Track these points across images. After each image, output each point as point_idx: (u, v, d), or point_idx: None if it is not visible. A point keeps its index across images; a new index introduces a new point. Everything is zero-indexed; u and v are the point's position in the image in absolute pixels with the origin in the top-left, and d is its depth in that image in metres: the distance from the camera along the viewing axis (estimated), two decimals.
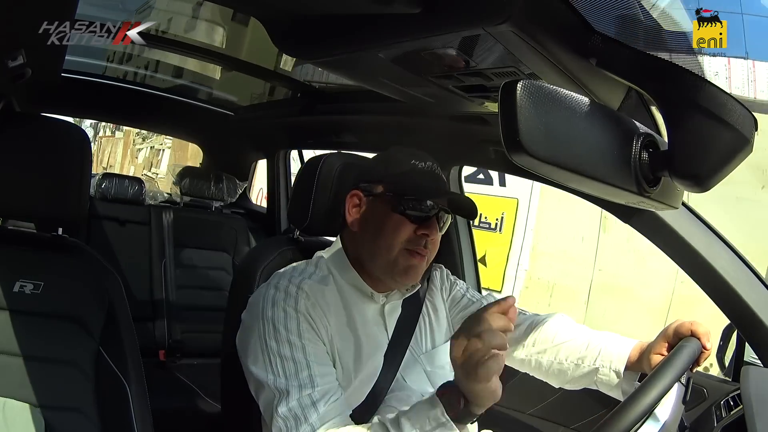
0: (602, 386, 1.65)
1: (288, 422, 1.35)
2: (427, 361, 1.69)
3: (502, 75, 1.48)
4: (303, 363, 1.41)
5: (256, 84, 3.69)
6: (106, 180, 3.79)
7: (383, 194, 1.57)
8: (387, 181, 1.57)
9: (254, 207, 4.62)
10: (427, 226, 1.54)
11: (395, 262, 1.54)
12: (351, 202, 1.62)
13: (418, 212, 1.53)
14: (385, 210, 1.54)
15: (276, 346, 1.42)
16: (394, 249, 1.53)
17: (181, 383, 3.31)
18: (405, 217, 1.52)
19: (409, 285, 1.64)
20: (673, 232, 1.69)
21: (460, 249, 2.55)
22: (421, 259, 1.56)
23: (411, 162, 1.57)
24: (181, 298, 3.74)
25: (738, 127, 0.87)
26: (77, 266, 1.65)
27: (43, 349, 1.54)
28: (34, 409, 1.48)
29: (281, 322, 1.44)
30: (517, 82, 0.81)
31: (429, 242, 1.55)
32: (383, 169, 1.60)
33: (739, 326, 1.70)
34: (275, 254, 1.82)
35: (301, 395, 1.37)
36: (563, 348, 1.73)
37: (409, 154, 1.59)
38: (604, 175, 0.90)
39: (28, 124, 1.63)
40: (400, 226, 1.52)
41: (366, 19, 1.33)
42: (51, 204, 1.62)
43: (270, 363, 1.42)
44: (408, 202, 1.53)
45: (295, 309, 1.46)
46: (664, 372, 1.28)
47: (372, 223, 1.57)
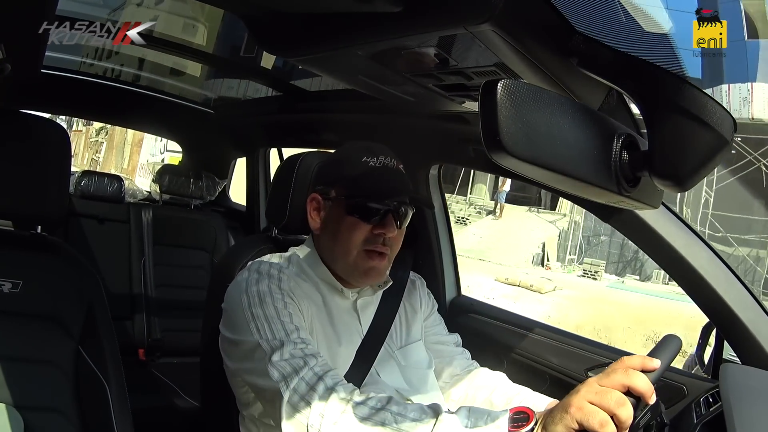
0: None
1: (284, 370, 1.31)
2: (402, 357, 1.70)
3: (482, 74, 1.48)
4: (291, 326, 1.40)
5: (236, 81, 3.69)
6: (86, 177, 3.76)
7: (337, 197, 1.57)
8: (340, 183, 1.57)
9: (233, 205, 4.60)
10: (383, 225, 1.54)
11: (355, 264, 1.56)
12: (311, 206, 1.63)
13: (371, 212, 1.54)
14: (340, 213, 1.56)
15: (262, 312, 1.42)
16: (352, 252, 1.54)
17: (161, 382, 3.31)
18: (359, 219, 1.53)
19: (374, 284, 1.65)
20: (652, 232, 1.70)
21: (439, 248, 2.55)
22: (381, 258, 1.57)
23: (363, 160, 1.56)
24: (160, 296, 3.74)
25: (717, 128, 0.88)
26: (56, 265, 1.64)
27: (21, 349, 1.53)
28: (12, 409, 1.46)
29: (266, 294, 1.45)
30: (498, 82, 0.81)
31: (387, 240, 1.55)
32: (337, 171, 1.60)
33: (718, 324, 1.72)
34: (254, 252, 1.82)
35: (295, 348, 1.35)
36: (496, 391, 1.72)
37: (362, 151, 1.58)
38: (584, 175, 0.90)
39: (7, 121, 1.61)
40: (355, 228, 1.53)
41: (347, 17, 1.32)
42: (30, 201, 1.60)
43: (258, 328, 1.40)
44: (360, 203, 1.53)
45: (278, 287, 1.47)
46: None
47: (330, 227, 1.59)
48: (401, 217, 1.58)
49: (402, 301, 1.76)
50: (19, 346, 1.53)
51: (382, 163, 1.57)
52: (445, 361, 1.82)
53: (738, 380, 1.55)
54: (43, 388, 1.53)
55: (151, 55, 3.58)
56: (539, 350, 2.22)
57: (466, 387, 1.78)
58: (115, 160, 29.38)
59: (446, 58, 1.44)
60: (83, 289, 1.62)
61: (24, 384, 1.51)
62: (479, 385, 1.76)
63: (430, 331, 1.84)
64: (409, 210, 1.61)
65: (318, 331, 1.53)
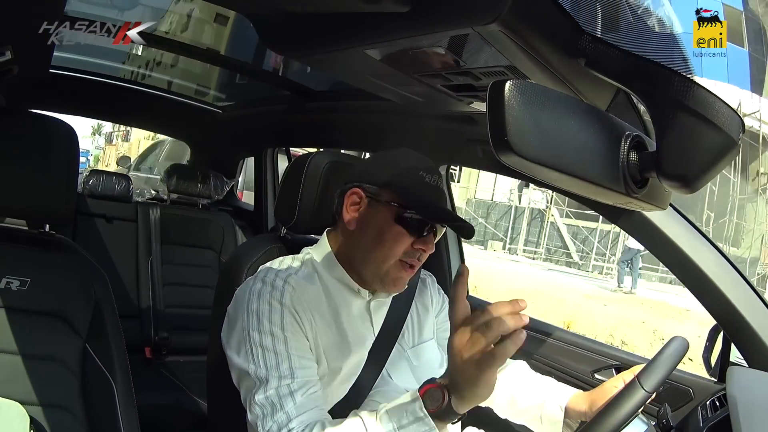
0: (546, 421, 1.67)
1: (264, 409, 1.37)
2: (414, 357, 1.69)
3: (490, 74, 1.48)
4: (284, 355, 1.42)
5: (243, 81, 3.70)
6: (94, 177, 3.77)
7: (388, 202, 1.53)
8: (393, 188, 1.54)
9: (241, 204, 4.61)
10: (425, 242, 1.53)
11: (387, 272, 1.54)
12: (350, 199, 1.58)
13: (420, 228, 1.52)
14: (387, 218, 1.52)
15: (258, 338, 1.43)
16: (389, 260, 1.52)
17: (168, 380, 3.32)
18: (406, 230, 1.51)
19: (395, 293, 1.64)
20: (660, 233, 1.69)
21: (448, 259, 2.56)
22: (412, 271, 1.56)
23: (419, 174, 1.54)
24: (167, 295, 3.74)
25: (725, 129, 0.87)
26: (64, 263, 1.65)
27: (29, 346, 1.54)
28: (19, 405, 1.48)
29: (265, 315, 1.45)
30: (506, 82, 0.80)
31: (422, 255, 1.55)
32: (389, 174, 1.56)
33: (725, 327, 1.71)
34: (262, 252, 1.82)
35: (280, 385, 1.38)
36: (517, 384, 1.76)
37: (418, 163, 1.56)
38: (592, 176, 0.90)
39: (16, 121, 1.62)
40: (400, 238, 1.51)
41: (354, 17, 1.32)
42: (38, 200, 1.61)
43: (252, 354, 1.42)
44: (414, 217, 1.51)
45: (280, 302, 1.46)
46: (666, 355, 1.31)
47: (370, 227, 1.55)
48: (437, 234, 1.58)
49: (413, 301, 1.76)
50: (27, 343, 1.54)
51: (436, 182, 1.56)
52: None
53: (745, 383, 1.54)
54: (49, 385, 1.55)
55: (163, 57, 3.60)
56: (546, 351, 2.22)
57: None
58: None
59: (454, 59, 1.43)
60: (91, 287, 1.63)
61: (31, 381, 1.52)
62: (499, 380, 1.76)
63: (443, 326, 1.83)
64: (444, 228, 1.61)
65: (325, 337, 1.52)
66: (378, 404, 1.46)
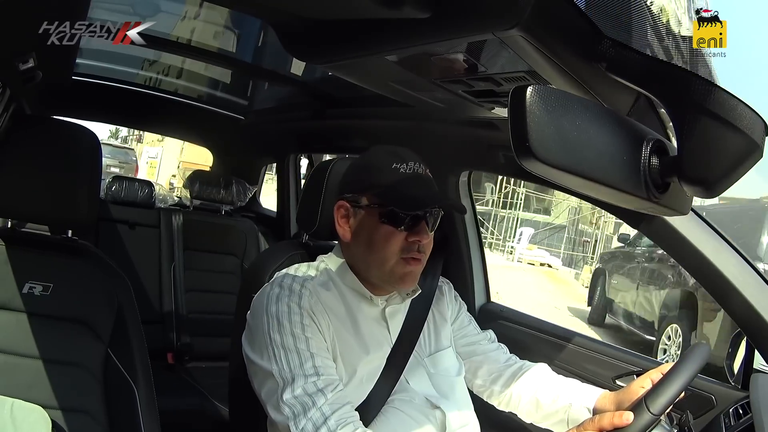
0: (573, 424, 1.65)
1: (295, 408, 1.36)
2: (431, 364, 1.70)
3: (511, 80, 1.48)
4: (306, 354, 1.42)
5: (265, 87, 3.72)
6: (117, 183, 3.81)
7: (370, 205, 1.56)
8: (371, 191, 1.56)
9: (264, 211, 4.63)
10: (417, 232, 1.53)
11: (392, 272, 1.54)
12: (339, 213, 1.61)
13: (405, 220, 1.53)
14: (373, 221, 1.54)
15: (280, 339, 1.43)
16: (389, 260, 1.53)
17: (189, 386, 3.33)
18: (393, 227, 1.52)
19: (408, 290, 1.64)
20: (682, 238, 1.68)
21: (468, 254, 2.55)
22: (417, 263, 1.56)
23: (393, 166, 1.55)
24: (190, 301, 3.76)
25: (748, 132, 0.86)
26: (87, 269, 1.66)
27: (51, 351, 1.55)
28: (41, 409, 1.49)
29: (285, 317, 1.45)
30: (527, 87, 0.80)
31: (422, 246, 1.55)
32: (366, 178, 1.58)
33: (749, 333, 1.69)
34: (284, 258, 1.83)
35: (306, 383, 1.39)
36: (541, 387, 1.76)
37: (390, 157, 1.57)
38: (614, 181, 0.89)
39: (39, 127, 1.65)
40: (391, 237, 1.52)
41: (376, 23, 1.33)
42: (61, 206, 1.63)
43: (274, 356, 1.43)
44: (394, 211, 1.52)
45: (298, 305, 1.47)
46: (678, 373, 1.30)
47: (362, 234, 1.57)
48: (432, 222, 1.58)
49: (431, 309, 1.76)
50: (49, 348, 1.56)
51: (413, 169, 1.56)
52: (478, 360, 1.83)
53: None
54: (72, 389, 1.56)
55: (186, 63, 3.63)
56: (567, 357, 2.21)
57: (508, 386, 1.80)
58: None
59: (475, 64, 1.44)
60: (113, 292, 1.65)
61: (53, 385, 1.53)
62: (523, 384, 1.78)
63: (460, 333, 1.84)
64: (439, 214, 1.60)
65: (343, 342, 1.53)
66: (398, 410, 1.48)
